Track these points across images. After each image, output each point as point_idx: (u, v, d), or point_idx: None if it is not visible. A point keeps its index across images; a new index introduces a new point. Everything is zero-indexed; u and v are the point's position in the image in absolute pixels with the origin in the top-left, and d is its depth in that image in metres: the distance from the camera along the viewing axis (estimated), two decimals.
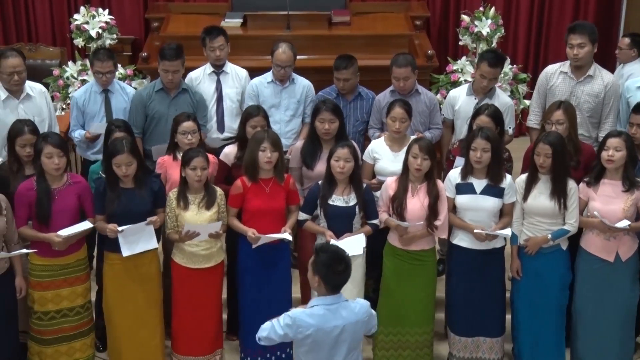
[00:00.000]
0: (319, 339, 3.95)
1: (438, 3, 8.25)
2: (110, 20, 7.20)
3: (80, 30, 7.11)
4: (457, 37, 7.48)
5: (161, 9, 7.89)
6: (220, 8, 7.73)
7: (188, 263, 5.01)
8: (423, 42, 7.39)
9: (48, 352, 5.00)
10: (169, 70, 5.66)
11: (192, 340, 5.10)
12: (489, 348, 5.18)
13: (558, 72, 5.78)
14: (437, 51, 7.35)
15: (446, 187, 5.05)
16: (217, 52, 5.92)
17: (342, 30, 7.34)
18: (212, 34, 5.93)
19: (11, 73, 5.50)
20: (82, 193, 4.90)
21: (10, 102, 5.59)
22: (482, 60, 5.70)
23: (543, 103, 5.82)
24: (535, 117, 5.88)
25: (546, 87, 5.80)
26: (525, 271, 5.09)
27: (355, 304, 4.02)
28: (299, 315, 3.96)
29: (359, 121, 5.84)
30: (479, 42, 7.16)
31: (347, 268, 3.95)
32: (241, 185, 4.99)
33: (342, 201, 4.99)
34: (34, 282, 4.91)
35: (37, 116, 5.64)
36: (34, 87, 5.75)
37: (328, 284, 3.95)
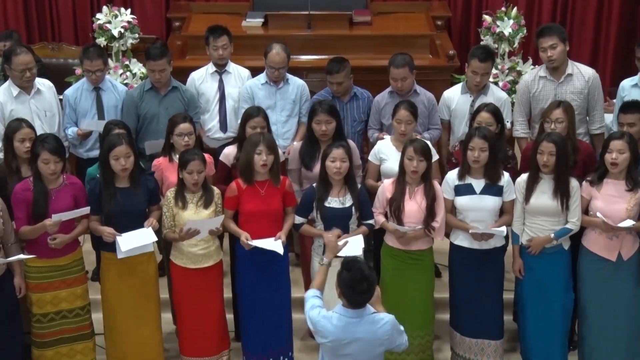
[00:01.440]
0: (336, 346, 3.96)
1: (459, 3, 8.21)
2: (132, 19, 7.22)
3: (102, 30, 7.15)
4: (478, 37, 7.44)
5: (183, 8, 7.92)
6: (241, 8, 7.74)
7: (187, 263, 5.01)
8: (444, 42, 7.36)
9: (48, 355, 5.00)
10: (154, 69, 5.67)
11: (197, 341, 5.10)
12: (494, 351, 5.17)
13: (537, 78, 5.77)
14: (458, 51, 7.31)
15: (444, 188, 5.05)
16: (219, 51, 5.93)
17: (363, 30, 7.32)
18: (215, 33, 5.94)
19: (23, 70, 5.55)
20: (77, 194, 4.90)
21: (22, 97, 5.65)
22: (472, 57, 5.72)
23: (527, 112, 5.83)
24: (521, 126, 5.87)
25: (528, 96, 5.78)
26: (528, 271, 5.09)
27: (380, 320, 3.96)
28: (321, 322, 3.96)
29: (356, 121, 5.84)
30: (501, 43, 7.12)
31: (369, 288, 3.91)
32: (236, 187, 4.98)
33: (338, 202, 4.97)
34: (32, 284, 4.90)
35: (48, 111, 5.70)
36: (43, 82, 5.80)
37: (348, 301, 3.94)
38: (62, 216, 4.73)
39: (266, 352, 5.14)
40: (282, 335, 5.17)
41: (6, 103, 5.60)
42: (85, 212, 4.84)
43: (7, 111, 5.58)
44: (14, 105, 5.59)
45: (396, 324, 4.02)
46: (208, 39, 5.96)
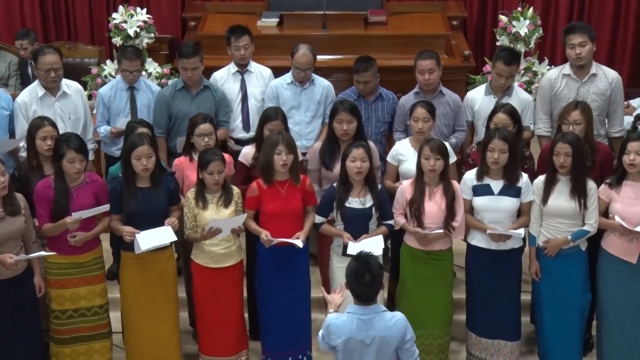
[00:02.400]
0: (349, 347, 3.94)
1: (475, 3, 8.19)
2: (148, 19, 7.24)
3: (118, 29, 7.17)
4: (494, 37, 7.40)
5: (198, 8, 7.94)
6: (256, 7, 7.76)
7: (209, 263, 5.02)
8: (460, 42, 7.34)
9: (66, 352, 5.02)
10: (187, 67, 5.68)
11: (217, 340, 5.11)
12: (510, 352, 5.15)
13: (561, 76, 5.72)
14: (473, 51, 7.31)
15: (462, 189, 5.03)
16: (241, 51, 5.93)
17: (378, 30, 7.32)
18: (237, 33, 5.94)
19: (48, 70, 5.57)
20: (99, 191, 4.92)
21: (47, 99, 5.66)
22: (497, 59, 5.68)
23: (549, 110, 5.77)
24: (543, 124, 5.82)
25: (551, 93, 5.74)
26: (545, 273, 5.06)
27: (392, 318, 3.97)
28: (332, 322, 3.95)
29: (380, 122, 5.82)
30: (517, 43, 7.08)
31: (373, 281, 3.89)
32: (257, 187, 4.98)
33: (358, 203, 4.96)
34: (51, 280, 4.93)
35: (73, 114, 5.70)
36: (71, 85, 5.82)
37: (353, 294, 3.93)
38: (82, 214, 4.76)
39: (285, 350, 5.15)
40: (301, 334, 5.18)
41: (31, 103, 5.63)
42: (105, 209, 4.86)
43: (30, 111, 5.61)
44: (38, 106, 5.62)
45: (407, 322, 4.01)
46: (229, 39, 5.97)
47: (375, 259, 3.99)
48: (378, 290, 3.94)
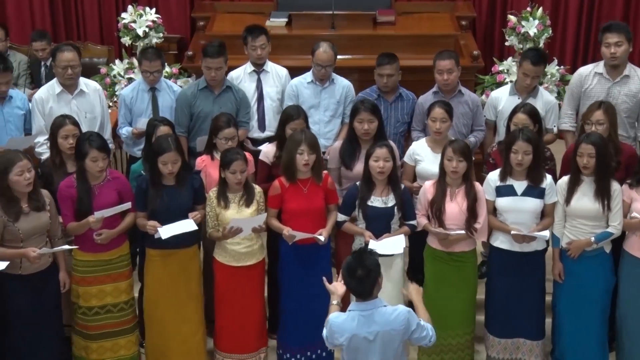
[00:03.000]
0: (353, 345, 3.93)
1: (484, 3, 8.17)
2: (157, 19, 7.27)
3: (127, 29, 7.20)
4: (503, 37, 7.40)
5: (207, 8, 7.95)
6: (265, 7, 7.76)
7: (230, 261, 5.04)
8: (469, 42, 7.32)
9: (93, 347, 5.06)
10: (211, 67, 5.68)
11: (236, 338, 5.13)
12: (529, 350, 5.13)
13: (593, 74, 5.66)
14: (482, 52, 7.29)
15: (485, 189, 5.00)
16: (258, 51, 5.94)
17: (387, 30, 7.31)
18: (254, 33, 5.95)
19: (65, 67, 5.60)
20: (121, 188, 4.95)
21: (64, 96, 5.68)
22: (524, 59, 5.64)
23: (576, 106, 5.73)
24: (569, 119, 5.78)
25: (580, 90, 5.69)
26: (568, 275, 5.02)
27: (393, 312, 3.95)
28: (334, 321, 3.95)
29: (399, 122, 5.80)
30: (526, 43, 7.08)
31: (367, 275, 3.87)
32: (279, 186, 5.00)
33: (381, 202, 4.97)
34: (78, 277, 4.98)
35: (89, 113, 5.73)
36: (89, 84, 5.84)
37: (349, 289, 3.93)
38: (105, 212, 4.79)
39: (305, 346, 5.17)
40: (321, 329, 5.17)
41: (47, 100, 5.65)
42: (127, 207, 4.89)
43: (47, 108, 5.64)
44: (54, 104, 5.64)
45: (412, 314, 3.99)
46: (246, 39, 5.97)
47: (372, 255, 3.97)
48: (373, 285, 3.91)
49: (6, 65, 5.57)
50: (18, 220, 4.63)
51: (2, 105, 5.62)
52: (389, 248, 4.87)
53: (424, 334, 4.02)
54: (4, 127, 5.60)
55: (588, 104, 5.45)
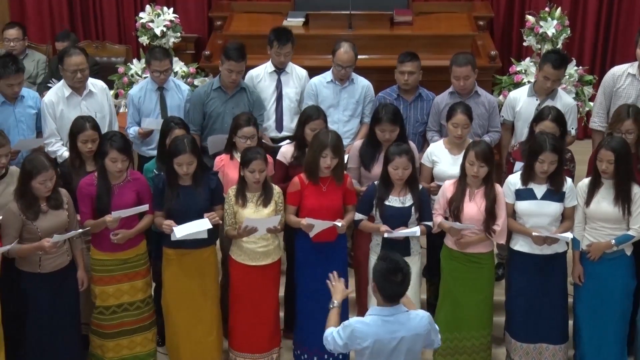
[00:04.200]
0: (377, 350, 3.92)
1: (502, 3, 8.13)
2: (175, 18, 7.29)
3: (145, 29, 7.23)
4: (521, 37, 7.36)
5: (225, 7, 7.96)
6: (282, 7, 7.75)
7: (246, 260, 5.05)
8: (486, 42, 7.29)
9: (110, 346, 5.08)
10: (234, 70, 5.69)
11: (250, 337, 5.14)
12: (552, 355, 5.10)
13: (626, 74, 5.65)
14: (500, 52, 7.25)
15: (505, 192, 4.98)
16: (282, 57, 5.95)
17: (404, 30, 7.29)
18: (281, 40, 5.92)
19: (74, 71, 5.63)
20: (140, 189, 4.97)
21: (73, 98, 5.72)
22: (545, 62, 5.60)
23: (608, 105, 5.70)
24: (599, 119, 5.75)
25: (612, 89, 5.67)
26: (588, 277, 4.99)
27: (416, 316, 3.96)
28: (356, 326, 3.93)
29: (418, 122, 5.79)
30: (544, 43, 7.03)
31: (404, 280, 3.89)
32: (299, 182, 5.01)
33: (398, 202, 4.96)
34: (96, 277, 5.00)
35: (99, 112, 5.75)
36: (96, 83, 5.87)
37: (383, 293, 3.91)
38: (122, 213, 4.82)
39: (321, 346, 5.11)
40: None
41: (58, 103, 5.68)
42: (145, 209, 4.92)
43: (57, 110, 5.67)
44: (65, 106, 5.67)
45: (431, 318, 4.00)
46: (272, 42, 5.95)
47: (401, 257, 3.98)
48: (405, 290, 3.93)
49: (18, 66, 5.61)
50: (37, 219, 4.68)
51: (14, 105, 5.65)
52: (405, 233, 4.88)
53: (438, 337, 4.04)
54: (16, 126, 5.63)
55: (618, 104, 5.45)
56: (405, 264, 3.93)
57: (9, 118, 5.61)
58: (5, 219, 4.67)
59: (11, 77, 5.53)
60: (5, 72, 5.51)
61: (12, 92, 5.58)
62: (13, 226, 4.66)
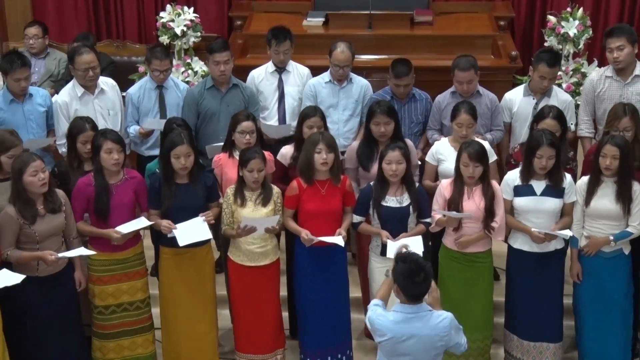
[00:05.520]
0: (391, 344, 3.93)
1: (523, 3, 8.09)
2: (195, 18, 7.31)
3: (165, 28, 7.25)
4: (542, 38, 7.31)
5: (245, 7, 7.97)
6: (302, 7, 7.76)
7: (244, 260, 5.04)
8: (507, 42, 7.26)
9: (110, 346, 5.08)
10: (219, 61, 5.70)
11: (252, 338, 5.13)
12: (553, 354, 5.09)
13: (604, 78, 5.71)
14: (521, 52, 7.21)
15: (503, 189, 4.98)
16: (281, 56, 5.95)
17: (424, 30, 7.27)
18: (279, 38, 5.94)
19: (86, 69, 5.65)
20: (138, 188, 4.97)
21: (86, 97, 5.74)
22: (539, 61, 5.63)
23: (591, 111, 5.77)
24: (586, 126, 5.80)
25: (593, 95, 5.73)
26: (587, 275, 4.98)
27: (438, 317, 3.95)
28: (377, 320, 3.95)
29: (414, 123, 5.79)
30: (565, 44, 6.99)
31: (426, 279, 3.89)
32: (297, 186, 4.99)
33: (395, 202, 4.94)
34: (94, 277, 4.99)
35: (111, 110, 5.79)
36: (106, 81, 5.89)
37: (406, 293, 3.91)
38: (126, 228, 4.83)
39: (325, 349, 5.15)
40: (341, 333, 5.18)
41: (71, 103, 5.71)
42: (147, 224, 4.91)
43: (71, 110, 5.69)
44: (79, 105, 5.70)
45: (455, 322, 3.99)
46: (270, 42, 5.98)
47: (419, 255, 4.00)
48: (427, 290, 3.93)
49: (24, 61, 5.64)
50: (34, 222, 4.65)
51: (22, 103, 5.67)
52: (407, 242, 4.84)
53: (463, 341, 4.02)
54: (25, 124, 5.64)
55: (603, 107, 5.54)
56: (426, 263, 3.93)
57: (17, 116, 5.63)
58: (2, 223, 4.62)
59: (17, 72, 5.56)
60: (12, 67, 5.55)
61: (19, 87, 5.61)
62: (11, 230, 4.61)
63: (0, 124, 5.57)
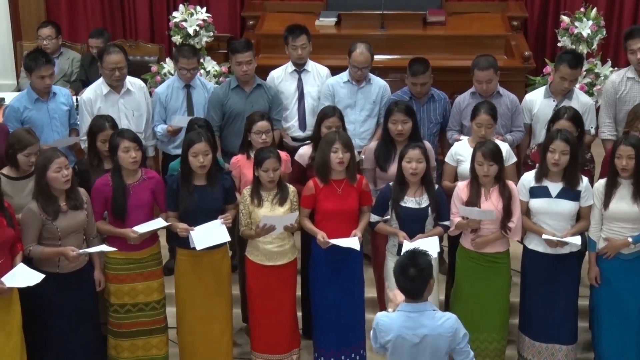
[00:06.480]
0: (398, 345, 3.89)
1: (537, 3, 8.06)
2: (208, 18, 7.32)
3: (178, 28, 7.26)
4: (555, 38, 7.29)
5: (257, 7, 7.98)
6: (315, 7, 7.76)
7: (263, 260, 5.04)
8: (520, 43, 7.24)
9: (125, 345, 5.09)
10: (242, 62, 5.71)
11: (268, 338, 5.13)
12: (565, 356, 5.06)
13: (625, 79, 5.69)
14: (534, 52, 7.20)
15: (519, 190, 4.96)
16: (299, 50, 5.94)
17: (437, 30, 7.26)
18: (294, 32, 5.96)
19: (113, 69, 5.68)
20: (156, 188, 4.98)
21: (111, 96, 5.77)
22: (561, 62, 5.58)
23: (613, 113, 5.73)
24: (607, 128, 5.76)
25: (615, 97, 5.69)
26: (605, 279, 4.94)
27: (442, 317, 3.92)
28: (381, 319, 3.93)
29: (432, 123, 5.77)
30: (579, 44, 6.96)
31: (420, 274, 3.83)
32: (313, 186, 4.99)
33: (414, 203, 4.93)
34: (111, 275, 5.00)
35: (136, 111, 5.80)
36: (134, 82, 5.91)
37: (400, 288, 3.90)
38: (143, 228, 4.85)
39: (339, 349, 5.15)
40: (354, 333, 5.17)
41: (96, 100, 5.74)
42: (164, 225, 4.93)
43: (95, 108, 5.72)
44: (103, 104, 5.73)
45: (459, 322, 3.95)
46: (287, 39, 5.98)
47: (425, 255, 3.93)
48: (424, 286, 3.87)
49: (48, 58, 5.67)
50: (56, 218, 4.68)
51: (46, 101, 5.71)
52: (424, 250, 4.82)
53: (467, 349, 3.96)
54: (50, 123, 5.69)
55: (625, 109, 5.49)
56: (425, 262, 3.86)
57: (42, 115, 5.67)
58: (26, 219, 4.67)
59: (42, 69, 5.59)
60: (37, 65, 5.58)
61: (43, 85, 5.64)
62: (33, 226, 4.65)
63: (25, 122, 5.62)
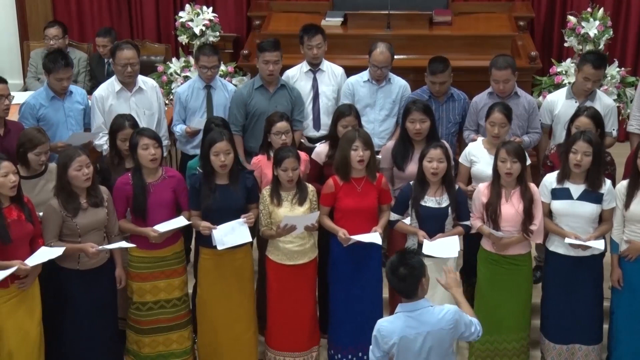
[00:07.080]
0: (404, 347, 3.87)
1: (543, 3, 8.04)
2: (214, 18, 7.33)
3: (184, 28, 7.28)
4: (562, 38, 7.28)
5: (263, 7, 7.98)
6: (321, 7, 7.76)
7: (283, 259, 5.05)
8: (526, 43, 7.22)
9: (145, 341, 5.12)
10: (269, 61, 5.70)
11: (288, 336, 5.14)
12: (585, 355, 5.04)
13: None
14: (540, 53, 7.17)
15: (541, 191, 4.93)
16: (314, 50, 5.95)
17: (443, 31, 7.25)
18: (310, 32, 5.97)
19: (125, 65, 5.69)
20: (177, 187, 4.99)
21: (123, 94, 5.78)
22: (585, 62, 5.52)
23: None
24: (637, 122, 5.68)
25: None
26: (627, 282, 4.91)
27: (440, 311, 3.89)
28: (382, 325, 3.91)
29: (451, 123, 5.76)
30: (586, 44, 6.95)
31: (410, 274, 3.80)
32: (333, 184, 4.99)
33: (434, 202, 4.93)
34: (133, 273, 5.04)
35: (147, 110, 5.81)
36: (147, 81, 5.93)
37: (393, 288, 3.88)
38: (164, 227, 4.86)
39: (356, 346, 5.16)
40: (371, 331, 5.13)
41: (107, 97, 5.76)
42: (185, 223, 4.94)
43: (106, 105, 5.74)
44: (114, 101, 5.75)
45: (460, 312, 3.92)
46: (302, 38, 5.98)
47: (415, 255, 3.90)
48: (416, 285, 3.83)
49: (67, 61, 5.69)
50: (76, 215, 4.71)
51: (63, 100, 5.73)
52: (444, 251, 4.82)
53: (473, 330, 3.95)
54: (65, 121, 5.72)
55: None
56: (416, 261, 3.82)
57: (58, 113, 5.70)
58: (47, 215, 4.73)
59: (60, 72, 5.62)
60: (55, 67, 5.60)
61: (61, 87, 5.67)
62: (54, 222, 4.70)
63: (41, 120, 5.65)
